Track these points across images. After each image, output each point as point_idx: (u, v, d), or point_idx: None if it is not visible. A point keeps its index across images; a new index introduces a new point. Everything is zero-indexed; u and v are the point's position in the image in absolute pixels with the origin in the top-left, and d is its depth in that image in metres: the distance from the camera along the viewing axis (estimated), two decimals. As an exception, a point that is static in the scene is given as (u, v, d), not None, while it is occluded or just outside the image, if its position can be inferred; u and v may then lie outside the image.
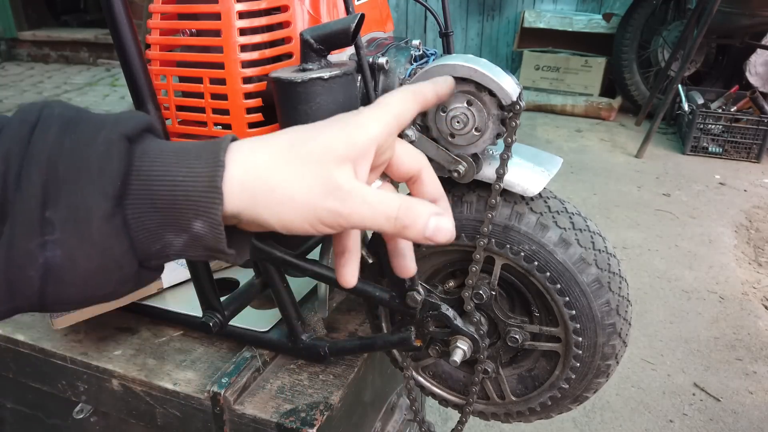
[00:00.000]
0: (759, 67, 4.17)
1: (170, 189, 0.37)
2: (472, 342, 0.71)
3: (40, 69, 5.87)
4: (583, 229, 0.67)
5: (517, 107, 0.59)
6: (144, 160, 0.38)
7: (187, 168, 0.37)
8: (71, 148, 0.36)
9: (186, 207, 0.37)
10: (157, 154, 0.38)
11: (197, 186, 0.37)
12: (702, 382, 1.98)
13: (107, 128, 0.37)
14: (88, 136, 0.37)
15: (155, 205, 0.37)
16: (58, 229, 0.35)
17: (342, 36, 0.54)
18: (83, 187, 0.36)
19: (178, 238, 0.38)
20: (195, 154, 0.38)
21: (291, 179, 0.38)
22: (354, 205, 0.38)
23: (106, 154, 0.36)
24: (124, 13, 0.57)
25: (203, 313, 0.74)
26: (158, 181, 0.37)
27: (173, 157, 0.38)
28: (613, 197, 3.31)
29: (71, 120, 0.38)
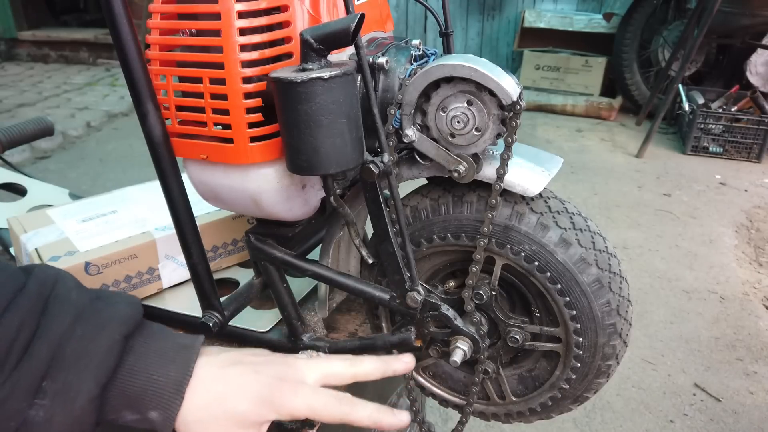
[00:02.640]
0: (759, 67, 4.17)
1: (143, 385, 0.46)
2: (472, 342, 0.71)
3: (40, 69, 5.87)
4: (583, 229, 0.67)
5: (517, 107, 0.59)
6: (131, 355, 0.47)
7: (163, 369, 0.47)
8: (80, 337, 0.45)
9: (150, 400, 0.46)
10: (142, 350, 0.48)
11: (167, 387, 0.47)
12: (702, 383, 1.98)
13: (112, 327, 0.47)
14: (95, 330, 0.46)
15: (126, 393, 0.46)
16: (49, 398, 0.43)
17: (342, 36, 0.54)
18: (81, 371, 0.44)
19: (132, 416, 0.47)
20: (171, 358, 0.48)
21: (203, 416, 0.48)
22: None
23: (107, 351, 0.45)
24: (124, 13, 0.57)
25: (203, 313, 0.74)
26: (136, 376, 0.47)
27: (153, 356, 0.48)
28: (613, 197, 3.31)
29: (84, 310, 0.47)
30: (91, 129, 4.40)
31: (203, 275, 0.71)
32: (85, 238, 0.87)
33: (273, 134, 0.61)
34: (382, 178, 0.63)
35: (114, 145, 4.11)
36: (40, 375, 0.42)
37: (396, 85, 0.65)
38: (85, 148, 4.08)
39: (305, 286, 0.93)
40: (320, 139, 0.56)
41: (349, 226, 0.69)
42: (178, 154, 0.65)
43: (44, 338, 0.43)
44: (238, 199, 0.67)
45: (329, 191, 0.64)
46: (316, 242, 0.84)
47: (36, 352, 0.42)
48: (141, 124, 0.62)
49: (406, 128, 0.63)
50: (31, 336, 0.43)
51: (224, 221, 0.94)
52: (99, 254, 0.82)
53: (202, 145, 0.63)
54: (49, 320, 0.44)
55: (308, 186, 0.69)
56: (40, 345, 0.43)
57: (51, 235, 0.87)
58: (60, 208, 0.97)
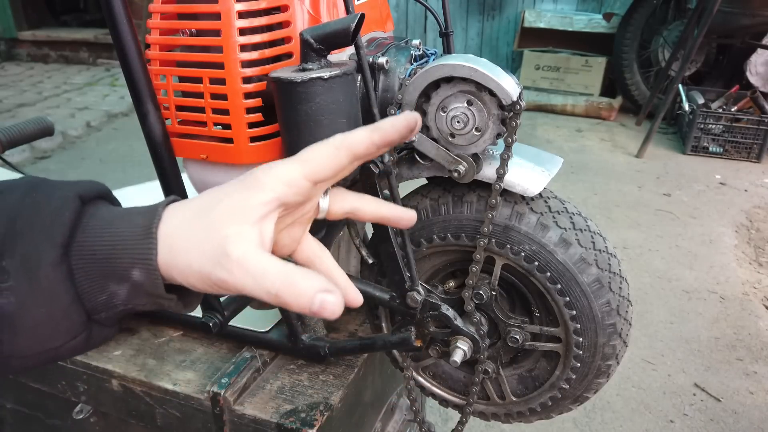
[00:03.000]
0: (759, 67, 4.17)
1: (110, 239, 0.40)
2: (472, 342, 0.71)
3: (40, 69, 5.87)
4: (583, 229, 0.67)
5: (517, 107, 0.59)
6: (92, 218, 0.41)
7: (129, 221, 0.41)
8: (30, 204, 0.40)
9: (123, 255, 0.40)
10: (104, 213, 0.42)
11: (135, 235, 0.40)
12: (702, 383, 1.98)
13: (65, 188, 0.42)
14: (47, 194, 0.41)
15: (95, 255, 0.40)
16: (12, 277, 0.38)
17: (342, 36, 0.54)
18: (35, 236, 0.39)
19: (121, 288, 0.41)
20: (139, 210, 0.42)
21: (191, 248, 0.41)
22: (238, 276, 0.39)
23: (59, 208, 0.40)
24: (124, 13, 0.57)
25: (203, 313, 0.74)
26: (100, 233, 0.41)
27: (119, 213, 0.42)
28: (613, 197, 3.31)
29: (37, 184, 0.42)
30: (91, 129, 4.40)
31: (203, 275, 0.71)
32: (85, 238, 0.86)
33: (273, 134, 0.61)
34: (382, 178, 0.63)
35: (114, 145, 4.11)
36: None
37: (396, 85, 0.65)
38: (85, 148, 4.08)
39: (305, 286, 0.93)
40: (320, 138, 0.56)
41: (349, 226, 0.69)
42: (178, 154, 0.65)
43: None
44: (238, 199, 0.67)
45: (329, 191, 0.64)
46: (316, 242, 0.84)
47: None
48: (141, 124, 0.62)
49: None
50: None
51: (224, 221, 0.94)
52: (99, 254, 0.82)
53: (202, 145, 0.63)
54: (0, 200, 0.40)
55: (308, 186, 0.69)
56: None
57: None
58: (60, 208, 0.96)
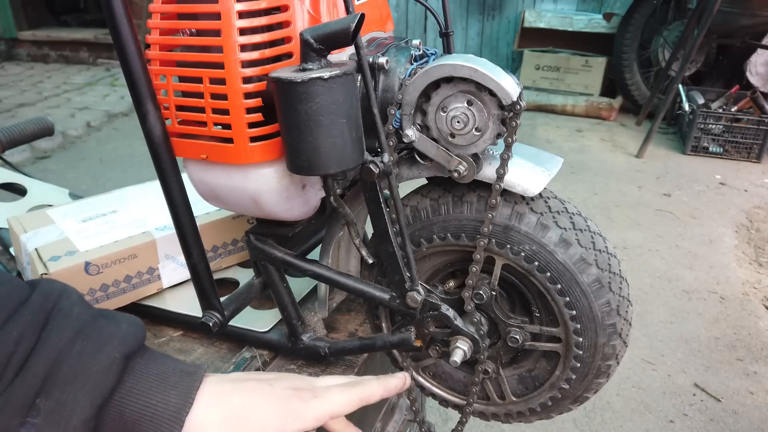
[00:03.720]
0: (759, 67, 4.17)
1: (141, 408, 0.43)
2: (472, 342, 0.71)
3: (40, 69, 5.87)
4: (583, 229, 0.67)
5: (517, 107, 0.59)
6: (131, 376, 0.44)
7: (163, 396, 0.44)
8: (79, 353, 0.42)
9: (147, 426, 0.43)
10: (141, 375, 0.45)
11: (165, 413, 0.44)
12: (702, 383, 1.98)
13: (112, 345, 0.44)
14: (95, 347, 0.43)
15: (123, 417, 0.43)
16: (41, 417, 0.40)
17: (342, 36, 0.54)
18: (77, 390, 0.41)
19: None
20: (173, 383, 0.45)
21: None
22: None
23: (106, 370, 0.43)
24: (124, 13, 0.57)
25: (203, 313, 0.74)
26: (134, 400, 0.43)
27: (154, 379, 0.45)
28: (613, 197, 3.31)
29: (85, 326, 0.44)
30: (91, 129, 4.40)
31: (203, 275, 0.71)
32: (85, 238, 0.87)
33: (273, 134, 0.61)
34: (382, 178, 0.63)
35: (114, 145, 4.11)
36: (35, 392, 0.40)
37: (396, 85, 0.65)
38: (85, 148, 4.08)
39: (305, 286, 0.93)
40: (320, 139, 0.56)
41: (349, 226, 0.69)
42: (178, 154, 0.65)
43: (42, 353, 0.41)
44: (238, 199, 0.67)
45: (329, 191, 0.64)
46: (316, 242, 0.84)
47: (32, 368, 0.41)
48: (141, 124, 0.62)
49: (406, 128, 0.63)
50: (30, 350, 0.41)
51: (224, 221, 0.94)
52: (99, 254, 0.82)
53: (202, 145, 0.63)
54: (48, 335, 0.42)
55: (308, 186, 0.69)
56: (37, 360, 0.41)
57: (51, 235, 0.87)
58: (60, 208, 0.97)
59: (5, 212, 1.12)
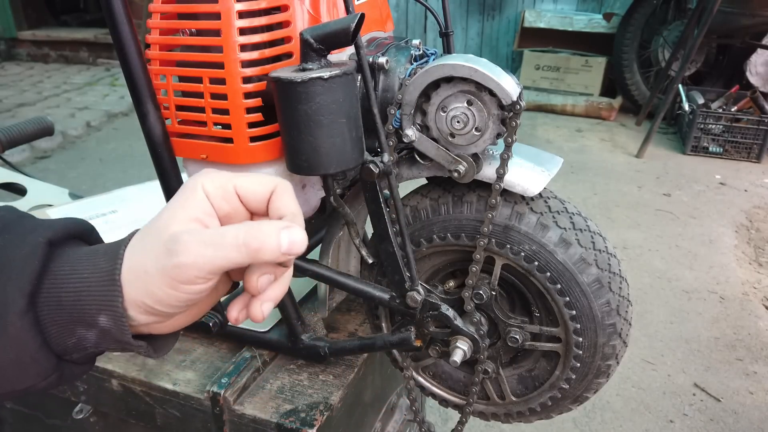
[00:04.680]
0: (759, 67, 4.17)
1: (75, 286, 0.39)
2: (472, 342, 0.71)
3: (40, 69, 5.87)
4: (583, 229, 0.67)
5: (517, 107, 0.59)
6: (59, 261, 0.40)
7: (93, 265, 0.40)
8: (1, 248, 0.39)
9: (89, 301, 0.39)
10: (70, 255, 0.41)
11: (99, 280, 0.39)
12: (702, 383, 1.98)
13: (37, 232, 0.40)
14: (18, 237, 0.40)
15: (61, 302, 0.39)
16: None
17: (342, 36, 0.54)
18: (4, 283, 0.38)
19: (89, 333, 0.40)
20: (102, 251, 0.41)
21: (140, 254, 0.40)
22: (195, 251, 0.38)
23: (28, 256, 0.39)
24: (124, 12, 0.57)
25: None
26: (66, 279, 0.39)
27: (84, 256, 0.40)
28: (613, 197, 3.31)
29: (10, 223, 0.41)
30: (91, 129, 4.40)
31: (203, 275, 0.71)
32: (85, 237, 0.86)
33: (273, 134, 0.61)
34: (382, 178, 0.63)
35: (114, 145, 4.10)
36: None
37: (396, 85, 0.65)
38: (85, 148, 4.08)
39: (305, 286, 0.93)
40: (320, 139, 0.56)
41: (349, 226, 0.69)
42: (178, 154, 0.65)
43: None
44: (238, 199, 0.67)
45: (329, 191, 0.64)
46: (316, 242, 0.84)
47: None
48: (141, 124, 0.62)
49: (406, 128, 0.63)
50: None
51: (224, 221, 0.94)
52: (99, 254, 0.82)
53: (202, 145, 0.63)
54: None
55: (308, 186, 0.69)
56: None
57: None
58: (60, 208, 0.97)
59: (5, 212, 1.12)
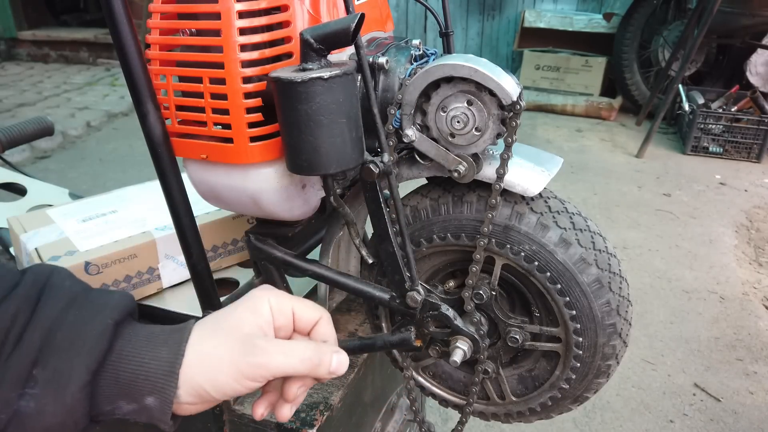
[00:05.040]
0: (759, 67, 4.17)
1: (134, 369, 0.44)
2: (472, 342, 0.71)
3: (40, 69, 5.87)
4: (583, 229, 0.67)
5: (517, 107, 0.59)
6: (122, 341, 0.45)
7: (153, 351, 0.45)
8: (71, 323, 0.44)
9: (144, 385, 0.44)
10: (132, 336, 0.46)
11: (158, 369, 0.44)
12: (702, 383, 1.98)
13: (104, 313, 0.45)
14: (87, 316, 0.45)
15: (119, 380, 0.44)
16: (39, 386, 0.42)
17: (342, 36, 0.54)
18: (72, 357, 0.42)
19: (129, 406, 0.45)
20: (162, 340, 0.46)
21: (218, 344, 0.46)
22: (271, 356, 0.46)
23: (99, 335, 0.44)
24: (124, 12, 0.57)
25: (203, 313, 0.74)
26: (127, 361, 0.44)
27: (144, 340, 0.46)
28: (613, 197, 3.31)
29: (77, 297, 0.46)
30: (91, 129, 4.40)
31: (203, 275, 0.71)
32: (85, 237, 0.87)
33: (273, 134, 0.61)
34: (382, 178, 0.63)
35: (114, 145, 4.10)
36: (31, 362, 0.41)
37: (396, 85, 0.65)
38: (85, 148, 4.08)
39: (305, 286, 0.93)
40: (320, 138, 0.56)
41: (349, 226, 0.69)
42: (178, 153, 0.65)
43: (36, 324, 0.43)
44: (238, 199, 0.67)
45: (329, 191, 0.64)
46: (316, 242, 0.84)
47: (27, 340, 0.42)
48: (141, 124, 0.62)
49: (406, 128, 0.63)
50: (26, 324, 0.42)
51: (224, 221, 0.94)
52: (99, 254, 0.82)
53: (202, 145, 0.63)
54: (42, 307, 0.44)
55: (308, 186, 0.69)
56: (31, 332, 0.42)
57: (51, 234, 0.87)
58: (60, 208, 0.97)
59: (5, 212, 1.13)
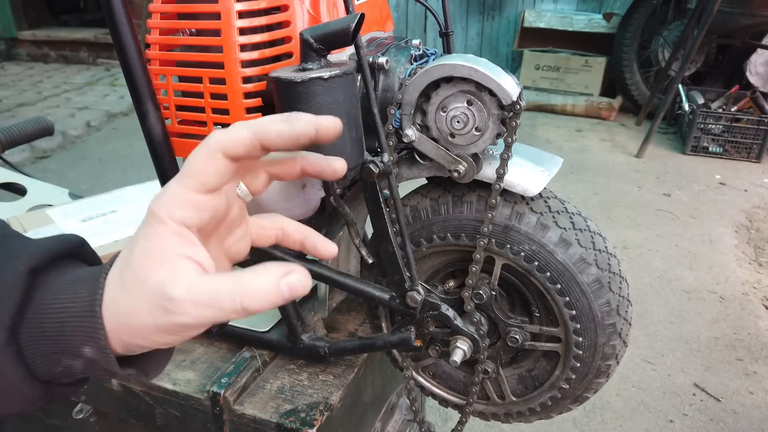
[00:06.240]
0: (759, 67, 4.17)
1: (58, 316, 0.38)
2: (472, 342, 0.71)
3: (40, 69, 5.87)
4: (583, 229, 0.67)
5: (517, 107, 0.59)
6: (42, 290, 0.39)
7: (73, 294, 0.38)
8: None
9: (72, 332, 0.38)
10: (53, 283, 0.39)
11: (81, 312, 0.38)
12: (702, 383, 1.98)
13: (19, 259, 0.39)
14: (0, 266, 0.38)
15: (45, 333, 0.38)
16: None
17: (342, 36, 0.54)
18: None
19: (76, 362, 0.39)
20: (84, 277, 0.39)
21: (134, 307, 0.38)
22: (193, 312, 0.37)
23: (9, 286, 0.38)
24: (123, 12, 0.57)
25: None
26: (48, 310, 0.38)
27: (66, 284, 0.39)
28: (613, 197, 3.31)
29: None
30: (91, 129, 4.40)
31: (203, 275, 0.71)
32: (85, 237, 0.86)
33: (273, 134, 0.61)
34: (382, 178, 0.63)
35: (114, 145, 4.10)
36: None
37: (396, 84, 0.65)
38: (85, 148, 4.08)
39: (305, 285, 0.93)
40: (320, 138, 0.56)
41: (349, 226, 0.69)
42: (178, 153, 0.65)
43: None
44: (238, 199, 0.67)
45: (329, 191, 0.64)
46: (316, 242, 0.84)
47: None
48: (141, 124, 0.62)
49: (406, 128, 0.63)
50: None
51: (224, 221, 0.94)
52: (99, 254, 0.82)
53: (202, 145, 0.63)
54: None
55: (308, 186, 0.69)
56: None
57: (51, 234, 0.87)
58: (60, 208, 0.97)
59: (5, 212, 1.12)
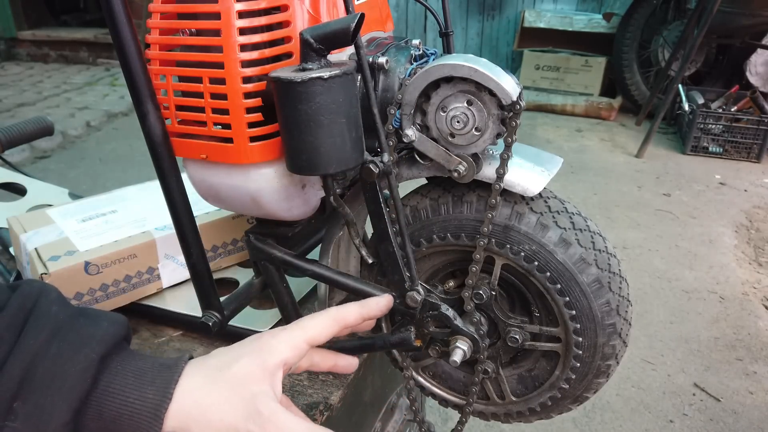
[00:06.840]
0: (759, 67, 4.17)
1: (119, 407, 0.43)
2: (472, 342, 0.71)
3: (40, 69, 5.87)
4: (583, 229, 0.67)
5: (517, 107, 0.59)
6: (108, 376, 0.44)
7: (140, 392, 0.44)
8: (55, 355, 0.42)
9: (127, 425, 0.43)
10: (119, 371, 0.44)
11: (143, 411, 0.43)
12: (702, 383, 1.98)
13: (90, 346, 0.44)
14: (72, 349, 0.43)
15: (102, 417, 0.43)
16: (20, 421, 0.40)
17: (342, 35, 0.54)
18: (54, 394, 0.41)
19: None
20: (150, 379, 0.44)
21: (220, 402, 0.45)
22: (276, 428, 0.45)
23: (83, 372, 0.42)
24: (123, 12, 0.57)
25: (203, 313, 0.74)
26: (112, 399, 0.43)
27: (131, 377, 0.44)
28: (613, 197, 3.31)
29: (62, 327, 0.44)
30: (91, 129, 4.40)
31: (203, 275, 0.71)
32: (84, 237, 0.87)
33: (273, 134, 0.61)
34: (382, 178, 0.63)
35: (114, 145, 4.10)
36: (11, 395, 0.40)
37: (396, 84, 0.65)
38: (85, 148, 4.08)
39: (305, 286, 0.93)
40: (320, 138, 0.56)
41: (349, 226, 0.69)
42: (178, 153, 0.65)
43: (17, 356, 0.41)
44: (237, 199, 0.67)
45: (329, 191, 0.64)
46: (316, 242, 0.84)
47: (8, 372, 0.40)
48: (141, 124, 0.62)
49: (406, 128, 0.63)
50: (8, 354, 0.41)
51: (224, 221, 0.94)
52: (99, 254, 0.82)
53: (202, 145, 0.63)
54: (25, 337, 0.42)
55: (308, 186, 0.69)
56: (12, 363, 0.41)
57: (51, 234, 0.87)
58: (60, 208, 0.97)
59: (5, 212, 1.12)
